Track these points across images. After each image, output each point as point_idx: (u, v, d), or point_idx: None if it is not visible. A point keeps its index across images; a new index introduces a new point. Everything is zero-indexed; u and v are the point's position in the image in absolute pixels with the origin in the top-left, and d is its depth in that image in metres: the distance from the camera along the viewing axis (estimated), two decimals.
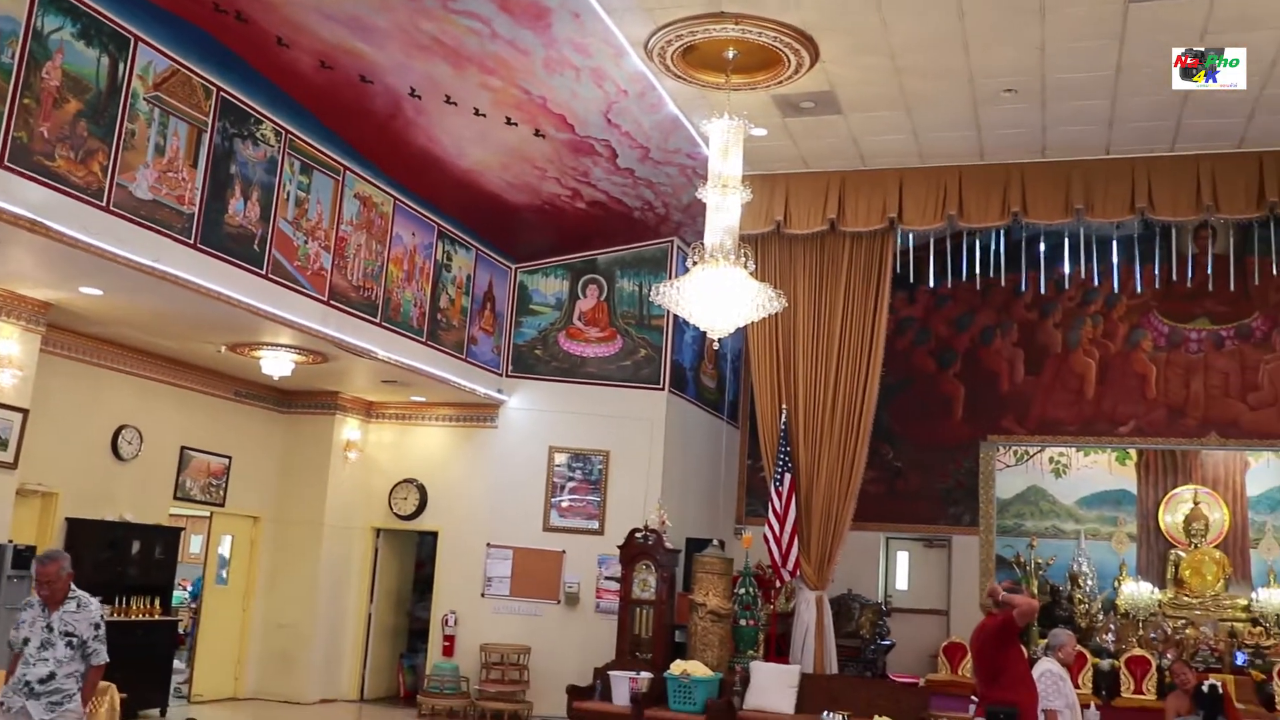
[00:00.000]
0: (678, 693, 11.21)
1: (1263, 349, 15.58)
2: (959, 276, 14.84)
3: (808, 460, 12.68)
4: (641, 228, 14.34)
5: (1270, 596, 15.82)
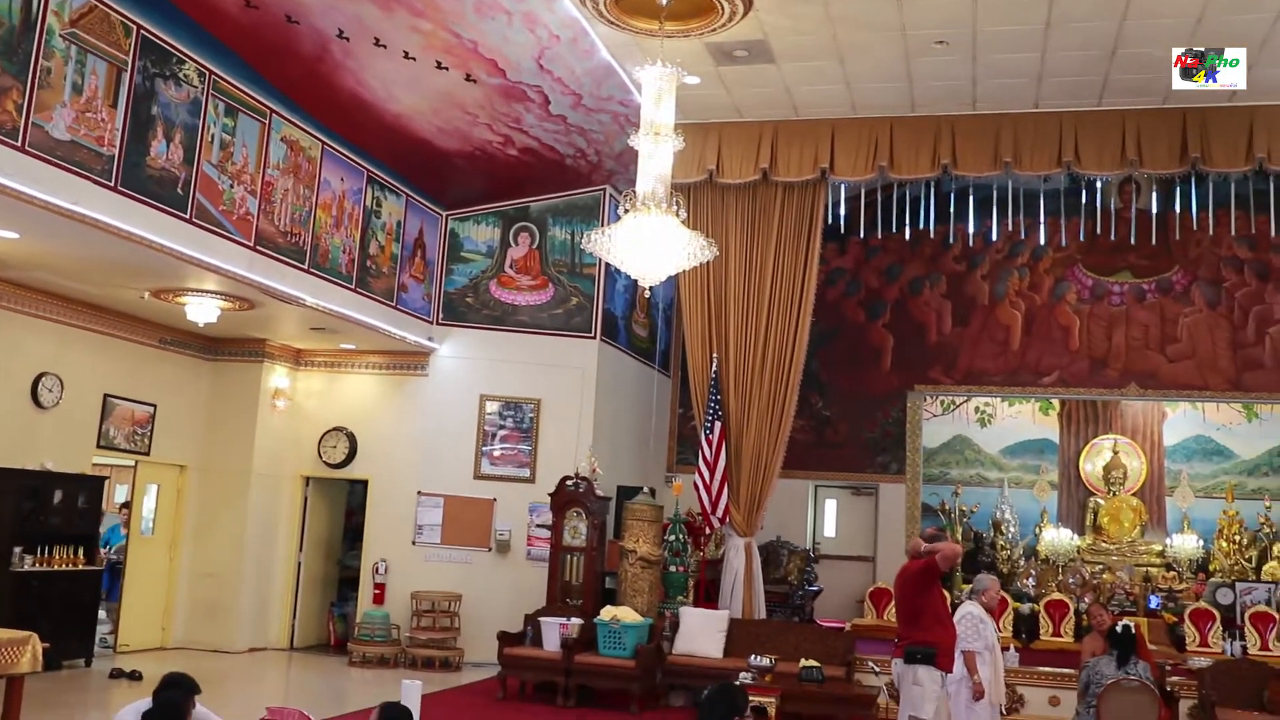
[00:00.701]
0: (608, 638, 11.32)
1: (1182, 302, 15.92)
2: (889, 228, 14.95)
3: (738, 409, 12.79)
4: (574, 175, 14.26)
5: (1183, 543, 16.32)
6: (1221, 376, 15.67)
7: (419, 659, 13.30)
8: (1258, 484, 17.00)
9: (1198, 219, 15.12)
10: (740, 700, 4.80)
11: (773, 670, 10.53)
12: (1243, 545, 16.26)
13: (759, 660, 10.56)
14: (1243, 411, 17.07)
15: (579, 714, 10.89)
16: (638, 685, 11.12)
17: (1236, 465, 17.24)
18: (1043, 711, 11.11)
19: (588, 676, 11.31)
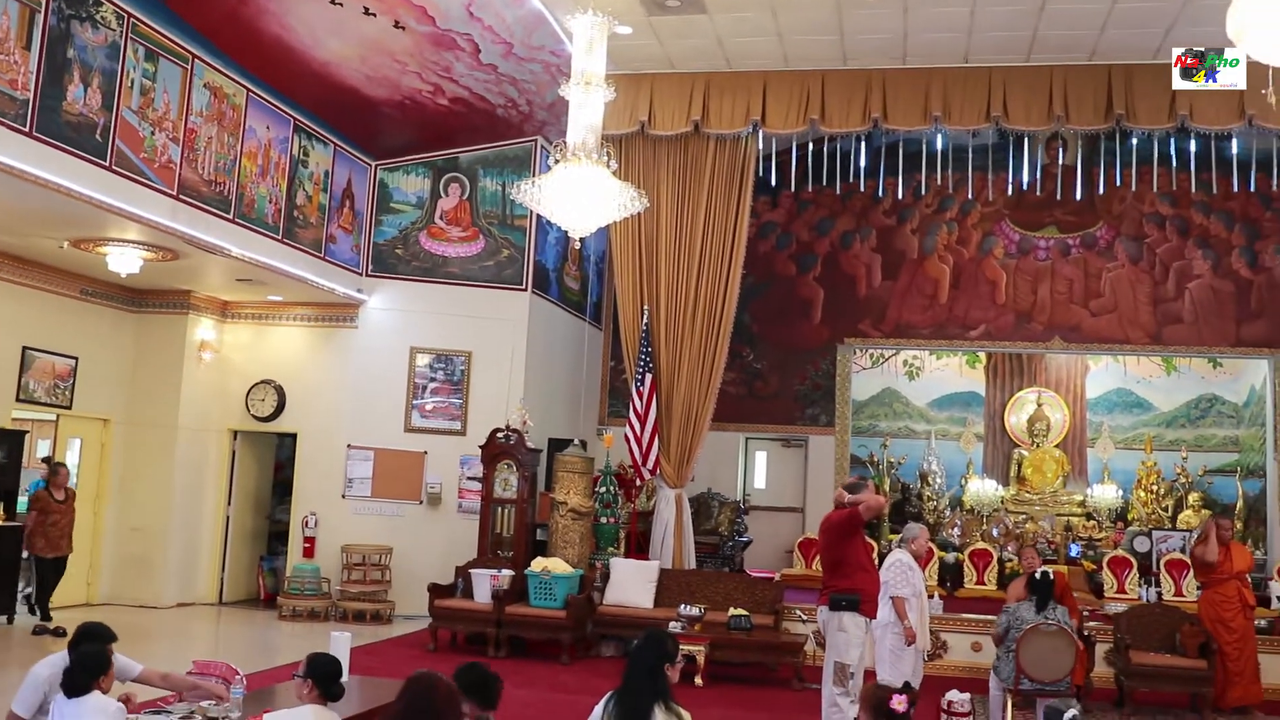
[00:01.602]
0: (539, 589, 11.37)
1: (1106, 257, 16.21)
2: (820, 182, 15.01)
3: (669, 361, 12.83)
4: (505, 126, 14.12)
5: (1103, 493, 16.74)
6: (1142, 330, 16.01)
7: (350, 612, 13.26)
8: (1175, 435, 17.47)
9: (1121, 176, 15.35)
10: (671, 647, 4.85)
11: (702, 619, 10.66)
12: (1160, 495, 16.71)
13: (688, 610, 10.68)
14: (1162, 365, 17.51)
15: (510, 665, 10.93)
16: (569, 635, 11.20)
17: (1155, 417, 17.69)
18: (965, 657, 11.36)
19: (519, 627, 11.36)
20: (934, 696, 8.63)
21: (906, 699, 4.87)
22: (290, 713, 4.66)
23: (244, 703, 5.75)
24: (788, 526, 16.45)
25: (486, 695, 4.39)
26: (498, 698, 4.46)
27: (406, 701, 3.89)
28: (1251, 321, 15.77)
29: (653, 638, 4.90)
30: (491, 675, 4.46)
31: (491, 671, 4.49)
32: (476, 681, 4.36)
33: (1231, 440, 17.18)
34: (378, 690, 6.42)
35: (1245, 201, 15.79)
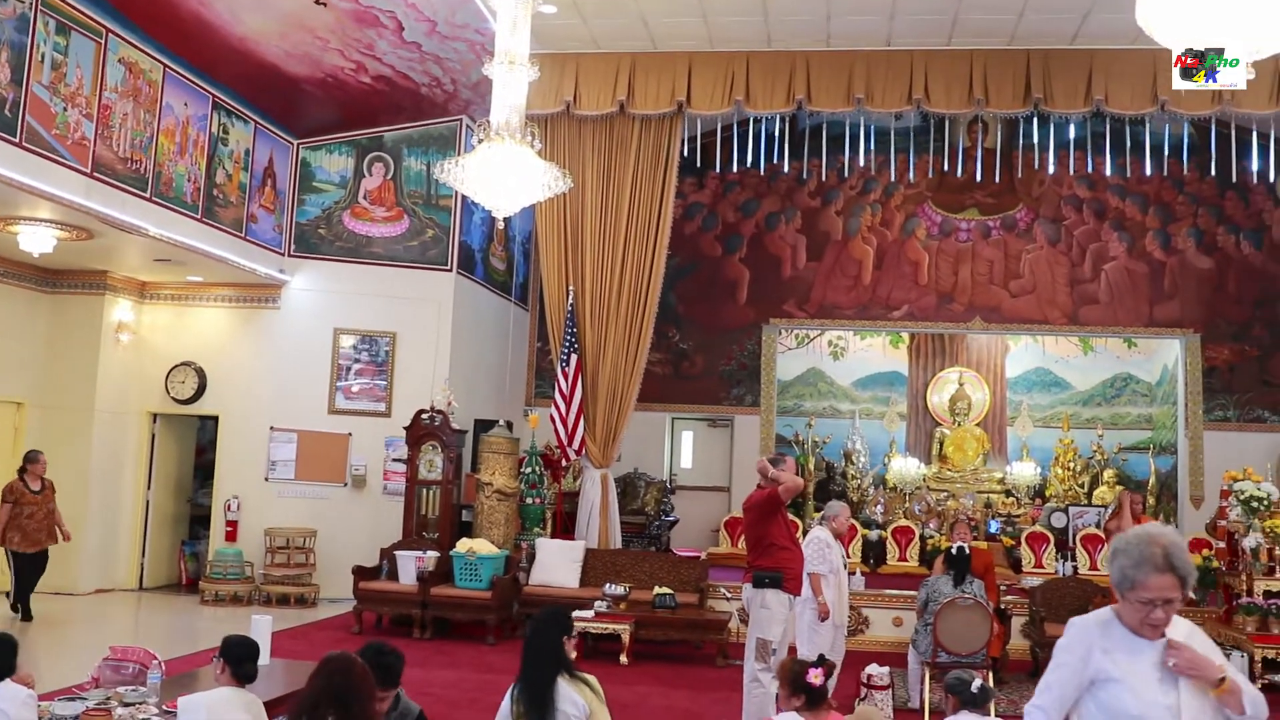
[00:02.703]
0: (464, 570, 11.35)
1: (1025, 239, 16.49)
2: (746, 164, 15.08)
3: (594, 341, 12.84)
4: (429, 105, 14.01)
5: (1022, 470, 17.09)
6: (1060, 311, 16.33)
7: (274, 596, 13.14)
8: (1091, 414, 17.88)
9: (1040, 159, 15.61)
10: (568, 622, 4.99)
11: (627, 598, 10.72)
12: (1076, 472, 17.11)
13: (613, 589, 10.73)
14: (1079, 345, 17.89)
15: (435, 646, 10.92)
16: (494, 616, 11.20)
17: (1072, 396, 18.08)
18: (886, 632, 11.55)
19: (444, 609, 11.34)
20: (855, 671, 8.77)
21: (823, 671, 4.97)
22: (205, 695, 4.63)
23: (162, 687, 5.68)
24: (714, 506, 16.57)
25: (388, 674, 4.42)
26: (399, 676, 4.49)
27: (322, 681, 3.88)
28: (1164, 302, 16.15)
29: (548, 614, 5.01)
30: (392, 653, 4.50)
31: (392, 649, 4.53)
32: (377, 660, 4.39)
33: (1145, 418, 17.61)
34: (299, 673, 6.37)
35: (1159, 185, 16.16)
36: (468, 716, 7.88)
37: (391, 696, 4.48)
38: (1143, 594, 3.01)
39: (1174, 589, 3.00)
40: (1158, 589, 2.99)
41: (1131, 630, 3.08)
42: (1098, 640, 3.12)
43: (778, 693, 5.21)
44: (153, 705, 5.39)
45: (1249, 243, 16.10)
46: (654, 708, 8.54)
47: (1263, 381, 15.86)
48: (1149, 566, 3.00)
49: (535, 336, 16.79)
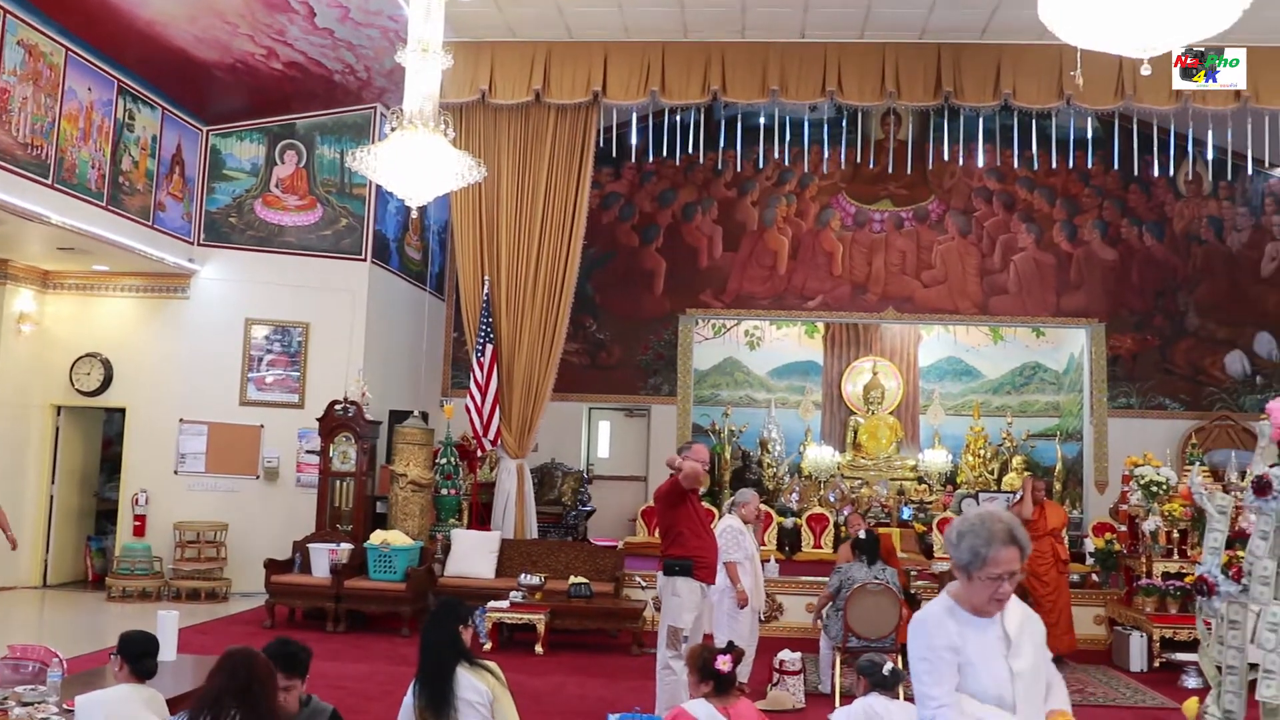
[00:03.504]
0: (378, 562, 11.26)
1: (937, 230, 16.76)
2: (662, 154, 15.11)
3: (510, 331, 12.80)
4: (343, 92, 13.83)
5: (934, 458, 17.39)
6: (970, 301, 16.62)
7: (183, 591, 12.92)
8: (1001, 402, 18.25)
9: (951, 151, 15.85)
10: (463, 611, 5.02)
11: (542, 588, 10.73)
12: (986, 459, 17.45)
13: (529, 579, 10.73)
14: (989, 334, 18.24)
15: (349, 639, 10.83)
16: (408, 608, 11.14)
17: (983, 385, 18.44)
18: (801, 618, 11.68)
19: (358, 601, 11.25)
20: (768, 657, 8.87)
21: (731, 658, 5.02)
22: (103, 693, 4.55)
23: (62, 686, 5.56)
24: (631, 495, 16.62)
25: (292, 661, 4.39)
26: (306, 665, 4.47)
27: (224, 676, 3.83)
28: (1071, 293, 16.51)
29: (443, 605, 5.06)
30: (299, 647, 4.47)
31: (299, 643, 4.49)
32: (284, 654, 4.35)
33: (1053, 406, 18.02)
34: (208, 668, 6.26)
35: (1066, 178, 16.52)
36: (381, 709, 7.82)
37: (298, 684, 4.44)
38: (992, 569, 3.18)
39: (1017, 561, 3.21)
40: (1006, 562, 3.19)
41: (973, 611, 3.25)
42: (953, 628, 3.26)
43: (688, 679, 5.24)
44: (52, 704, 5.27)
45: (1151, 235, 16.53)
46: (568, 696, 8.56)
47: (1163, 370, 16.30)
48: (998, 542, 3.19)
49: (451, 326, 16.69)
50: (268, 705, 3.90)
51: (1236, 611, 3.69)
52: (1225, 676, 3.67)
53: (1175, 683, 9.73)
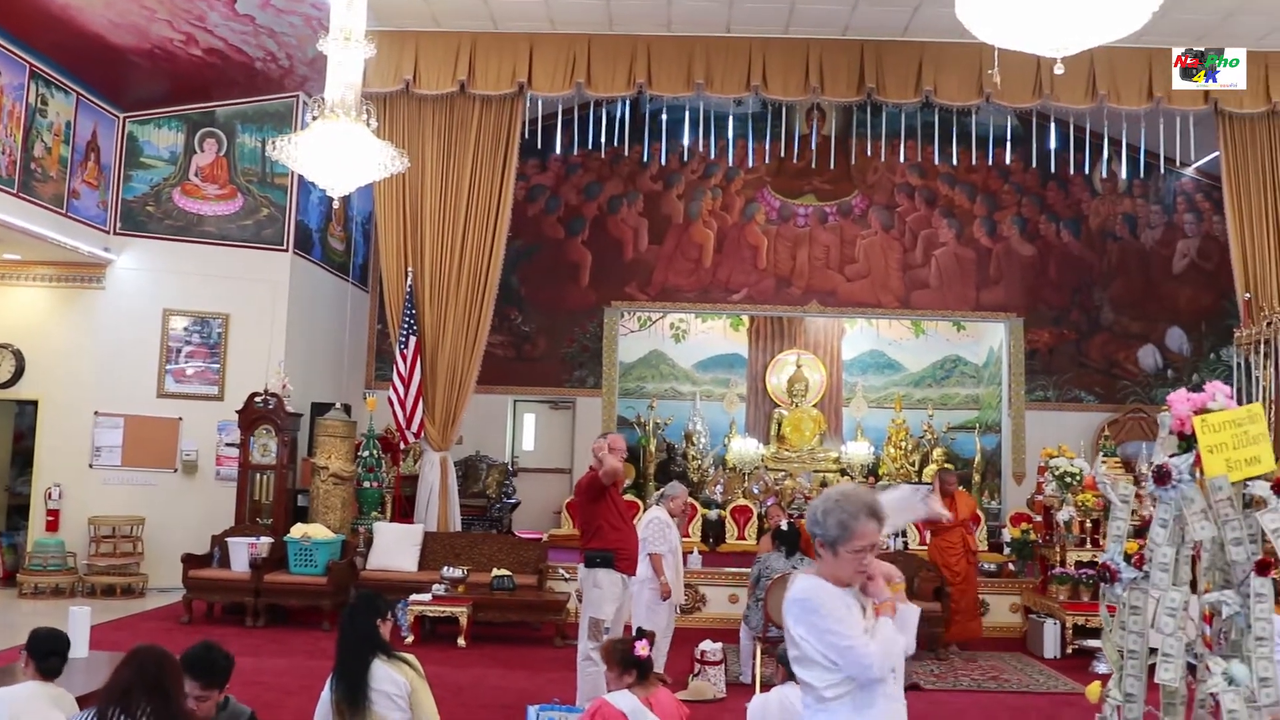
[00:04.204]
0: (298, 556, 11.14)
1: (860, 225, 16.94)
2: (588, 146, 15.12)
3: (434, 323, 12.72)
4: (265, 80, 13.63)
5: (857, 449, 17.60)
6: (893, 295, 16.83)
7: (98, 587, 12.68)
8: (922, 394, 18.52)
9: (874, 147, 16.04)
10: (381, 605, 5.04)
11: (465, 581, 10.69)
12: (908, 451, 17.71)
13: (451, 571, 10.69)
14: (911, 328, 18.49)
15: (269, 634, 10.71)
16: (330, 602, 11.03)
17: (905, 378, 18.69)
18: (723, 609, 11.77)
19: (278, 595, 11.12)
20: (689, 647, 8.93)
21: (646, 641, 5.07)
22: (7, 690, 4.47)
23: None
24: (556, 488, 16.61)
25: (211, 669, 4.31)
26: (226, 678, 4.38)
27: (132, 671, 3.78)
28: (990, 287, 16.80)
29: (360, 599, 5.08)
30: (222, 654, 4.39)
31: (222, 651, 4.41)
32: (206, 660, 4.28)
33: (972, 399, 18.34)
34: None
35: (986, 175, 16.79)
36: (299, 704, 7.74)
37: (215, 694, 4.37)
38: (858, 542, 3.34)
39: (879, 534, 3.39)
40: (870, 535, 3.36)
41: (836, 584, 3.39)
42: (840, 599, 3.39)
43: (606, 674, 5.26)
44: None
45: (1068, 231, 16.86)
46: (489, 689, 8.54)
47: (1079, 364, 16.65)
48: (863, 516, 3.35)
49: (375, 318, 16.52)
50: (179, 703, 3.86)
51: (1138, 598, 3.79)
52: (1126, 660, 3.77)
53: (1087, 668, 9.96)
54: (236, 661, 4.52)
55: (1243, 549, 3.61)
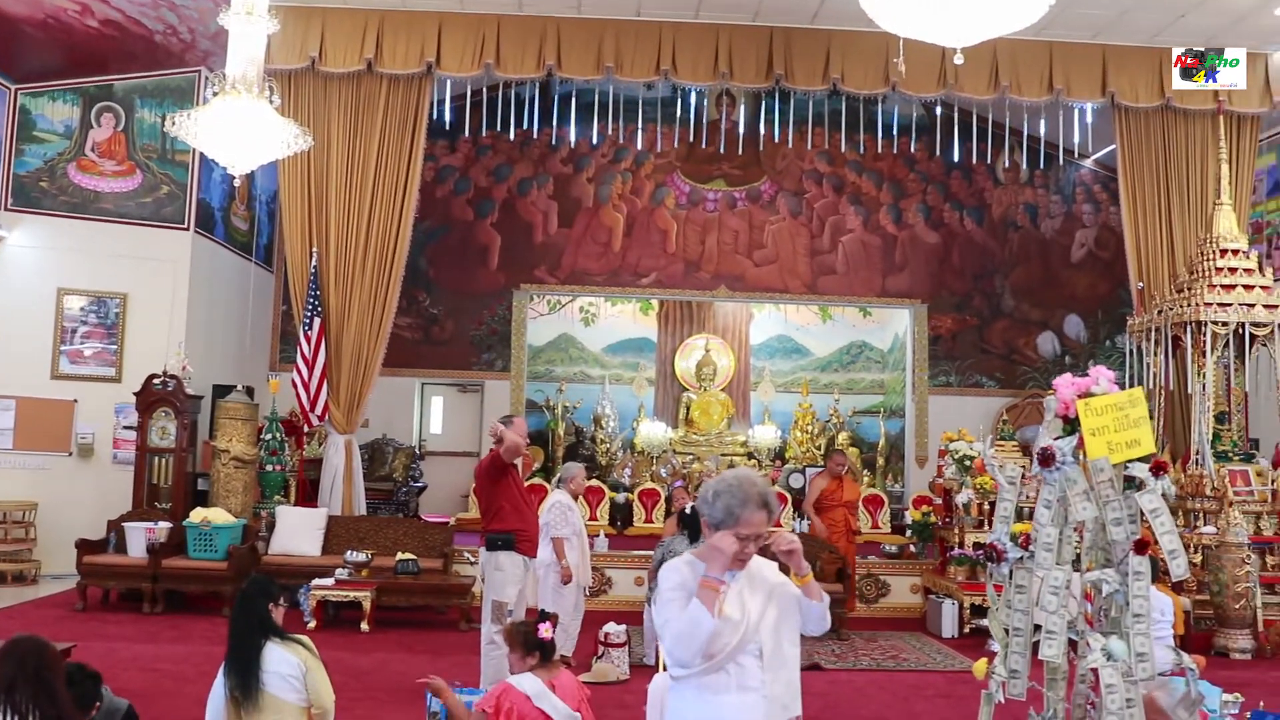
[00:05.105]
0: (198, 541, 10.94)
1: (769, 211, 17.07)
2: (498, 128, 15.01)
3: (339, 304, 12.55)
4: (165, 54, 13.30)
5: (764, 433, 17.77)
6: (800, 281, 17.00)
7: None
8: (829, 379, 18.77)
9: (782, 134, 16.16)
10: (274, 589, 5.00)
11: (368, 565, 10.60)
12: (814, 434, 17.92)
13: (355, 556, 10.59)
14: (818, 313, 18.71)
15: (167, 620, 10.50)
16: (229, 587, 10.80)
17: (812, 362, 18.92)
18: (629, 592, 11.82)
19: (177, 581, 10.90)
20: (595, 630, 8.96)
21: (550, 624, 5.08)
22: None
23: None
24: (464, 471, 16.40)
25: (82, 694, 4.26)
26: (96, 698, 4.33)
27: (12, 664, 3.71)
28: (896, 274, 17.05)
29: (253, 583, 5.03)
30: (88, 675, 4.33)
31: (85, 671, 4.36)
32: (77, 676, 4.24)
33: (878, 384, 18.63)
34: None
35: (893, 163, 17.03)
36: (196, 691, 7.58)
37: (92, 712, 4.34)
38: (743, 530, 3.36)
39: (765, 524, 3.41)
40: (757, 524, 3.38)
41: None
42: (689, 572, 3.43)
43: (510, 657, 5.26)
44: None
45: (971, 219, 17.18)
46: (391, 674, 8.49)
47: (981, 350, 17.00)
48: (752, 504, 3.37)
49: (280, 299, 16.24)
50: (63, 694, 3.80)
51: (1023, 577, 3.88)
52: (1012, 638, 3.87)
53: (983, 647, 10.18)
54: (133, 650, 4.46)
55: (1122, 529, 3.73)
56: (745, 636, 3.40)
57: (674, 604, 3.37)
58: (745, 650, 3.40)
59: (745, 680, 3.39)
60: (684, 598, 3.36)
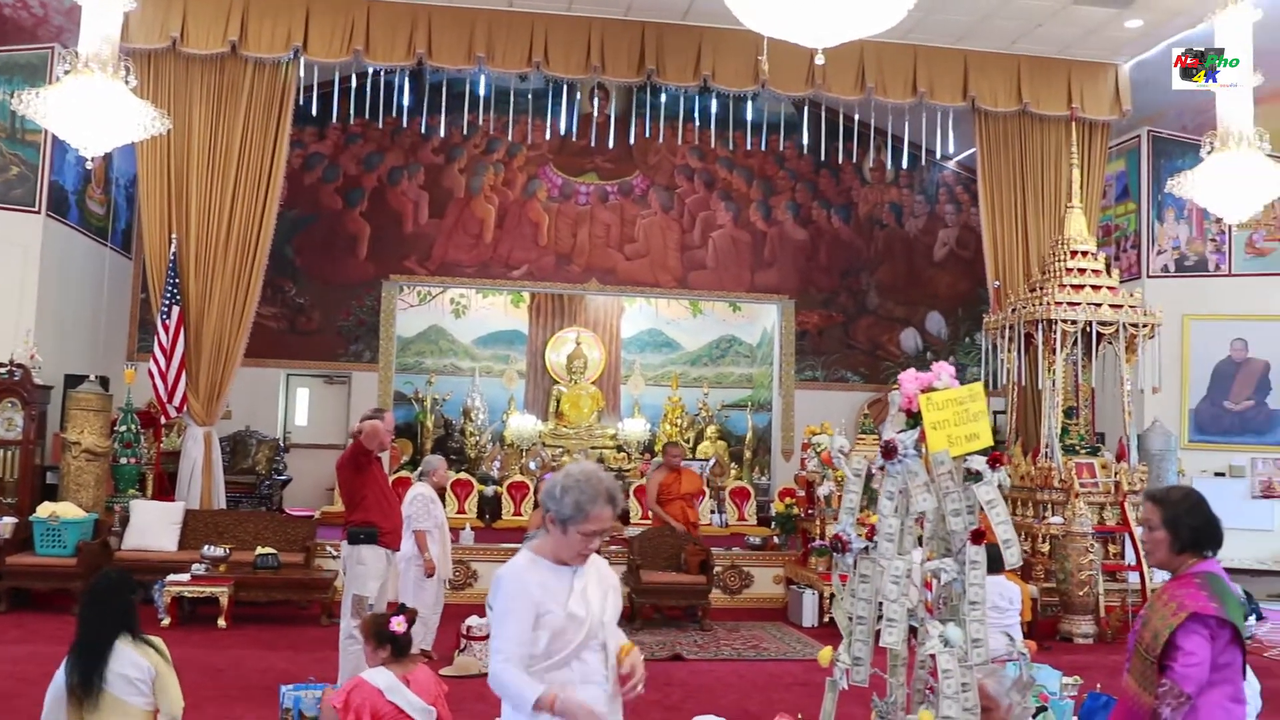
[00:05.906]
0: (45, 536, 10.55)
1: (640, 205, 17.16)
2: (367, 116, 14.78)
3: (199, 292, 12.22)
4: (15, 28, 12.76)
5: (634, 426, 17.89)
6: (671, 275, 17.13)
7: None
8: (699, 373, 18.98)
9: (653, 129, 16.24)
10: (127, 585, 4.99)
11: (227, 559, 10.39)
12: (683, 428, 18.11)
13: (212, 550, 10.37)
14: (689, 308, 18.89)
15: (12, 619, 10.12)
16: (79, 584, 10.46)
17: (682, 356, 19.11)
18: None
19: (22, 578, 10.51)
20: (458, 623, 8.92)
21: (405, 618, 5.04)
22: None
23: None
24: (329, 464, 15.87)
25: None
26: None
27: None
28: (765, 270, 17.30)
29: (104, 578, 4.97)
30: None
31: None
32: None
33: (746, 378, 18.89)
34: None
35: (763, 160, 17.27)
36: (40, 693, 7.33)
37: None
38: (590, 525, 3.41)
39: (611, 520, 3.47)
40: (603, 520, 3.44)
41: (555, 561, 3.47)
42: (532, 580, 3.45)
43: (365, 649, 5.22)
44: None
45: (839, 217, 17.52)
46: (247, 670, 8.32)
47: (846, 345, 17.36)
48: (600, 500, 3.42)
49: (138, 286, 15.71)
50: None
51: (868, 566, 3.99)
52: (855, 626, 3.97)
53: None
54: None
55: (961, 519, 3.86)
56: (590, 633, 3.45)
57: (513, 618, 3.37)
58: (589, 646, 3.45)
59: (589, 675, 3.44)
60: (526, 609, 3.37)
